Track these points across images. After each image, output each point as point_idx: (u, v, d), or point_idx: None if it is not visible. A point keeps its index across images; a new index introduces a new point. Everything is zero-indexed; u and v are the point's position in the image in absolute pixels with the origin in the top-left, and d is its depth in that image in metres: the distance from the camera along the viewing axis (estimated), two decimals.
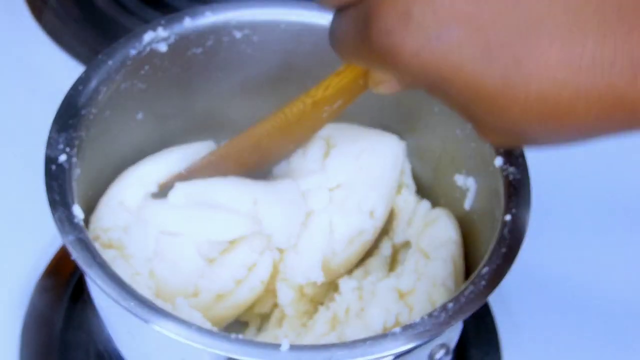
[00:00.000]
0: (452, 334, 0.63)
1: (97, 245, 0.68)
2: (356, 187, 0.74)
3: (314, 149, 0.76)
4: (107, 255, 0.68)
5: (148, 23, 0.73)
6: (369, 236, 0.75)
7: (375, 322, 0.67)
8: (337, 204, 0.73)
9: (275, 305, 0.75)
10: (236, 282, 0.71)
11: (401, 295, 0.69)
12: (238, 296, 0.71)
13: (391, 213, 0.78)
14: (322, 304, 0.73)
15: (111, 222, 0.70)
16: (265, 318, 0.76)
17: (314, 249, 0.73)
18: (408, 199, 0.78)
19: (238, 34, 0.74)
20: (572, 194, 0.95)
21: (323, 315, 0.71)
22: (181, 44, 0.73)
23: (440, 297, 0.68)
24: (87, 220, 0.70)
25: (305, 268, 0.72)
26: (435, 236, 0.72)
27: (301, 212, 0.73)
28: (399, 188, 0.78)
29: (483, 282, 0.61)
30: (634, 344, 0.85)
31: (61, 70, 0.98)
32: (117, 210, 0.70)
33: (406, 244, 0.76)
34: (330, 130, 0.77)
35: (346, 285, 0.71)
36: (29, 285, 0.82)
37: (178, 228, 0.71)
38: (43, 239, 0.85)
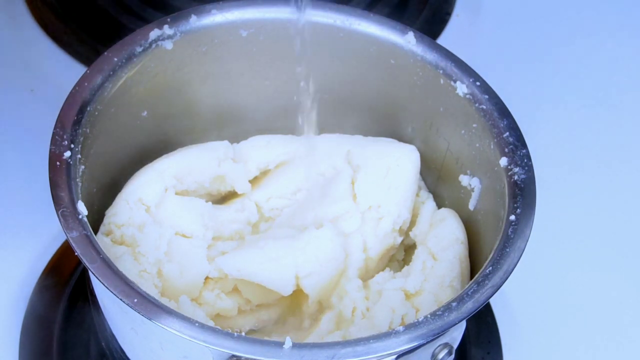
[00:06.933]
0: (455, 334, 0.63)
1: (107, 240, 0.68)
2: (386, 207, 0.74)
3: (341, 177, 0.76)
4: (117, 251, 0.68)
5: (148, 23, 0.72)
6: (396, 246, 0.76)
7: (380, 322, 0.67)
8: (370, 225, 0.74)
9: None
10: None
11: (408, 296, 0.69)
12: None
13: None
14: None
15: (127, 219, 0.69)
16: None
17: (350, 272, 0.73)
18: (417, 200, 0.78)
19: (244, 33, 0.74)
20: (573, 194, 0.95)
21: (329, 313, 0.70)
22: (187, 42, 0.73)
23: (447, 298, 0.68)
24: (97, 215, 0.70)
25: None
26: (442, 237, 0.72)
27: (339, 262, 0.72)
28: None
29: (487, 282, 0.61)
30: (634, 344, 0.85)
31: (61, 70, 0.98)
32: (135, 208, 0.70)
33: (412, 244, 0.76)
34: (349, 145, 0.77)
35: (352, 284, 0.71)
36: (28, 285, 0.82)
37: (192, 231, 0.71)
38: (43, 239, 0.85)
